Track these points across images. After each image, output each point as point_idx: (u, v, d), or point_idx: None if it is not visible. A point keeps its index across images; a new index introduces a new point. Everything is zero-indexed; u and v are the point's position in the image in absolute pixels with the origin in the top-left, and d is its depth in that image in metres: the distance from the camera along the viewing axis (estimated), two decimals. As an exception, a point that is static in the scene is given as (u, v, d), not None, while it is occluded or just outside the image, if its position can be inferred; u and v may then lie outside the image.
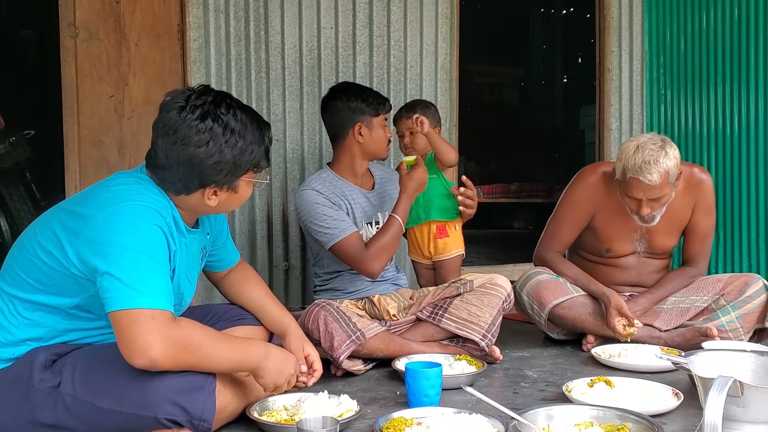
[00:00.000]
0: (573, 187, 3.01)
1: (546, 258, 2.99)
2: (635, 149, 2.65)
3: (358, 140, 2.82)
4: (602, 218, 2.94)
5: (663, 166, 2.62)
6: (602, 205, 2.93)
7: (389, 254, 2.73)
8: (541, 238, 3.06)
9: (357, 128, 2.81)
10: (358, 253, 2.65)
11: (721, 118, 4.22)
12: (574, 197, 2.98)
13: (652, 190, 2.66)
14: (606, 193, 2.91)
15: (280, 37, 3.66)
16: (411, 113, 3.07)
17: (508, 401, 2.17)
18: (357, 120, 2.81)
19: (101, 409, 1.72)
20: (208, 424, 1.77)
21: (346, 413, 1.99)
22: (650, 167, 2.60)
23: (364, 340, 2.47)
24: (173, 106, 1.80)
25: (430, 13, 3.99)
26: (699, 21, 4.33)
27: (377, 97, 2.88)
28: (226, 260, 2.26)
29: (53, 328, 1.82)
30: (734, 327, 2.77)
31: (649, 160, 2.60)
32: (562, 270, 2.95)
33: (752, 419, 1.34)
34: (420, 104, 3.17)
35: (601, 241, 2.98)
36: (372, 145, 2.84)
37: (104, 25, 3.40)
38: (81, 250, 1.71)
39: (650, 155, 2.61)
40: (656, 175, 2.61)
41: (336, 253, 2.69)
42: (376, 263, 2.65)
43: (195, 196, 1.86)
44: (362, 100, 2.82)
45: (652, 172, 2.60)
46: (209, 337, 1.76)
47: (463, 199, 2.90)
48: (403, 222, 2.73)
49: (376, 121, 2.84)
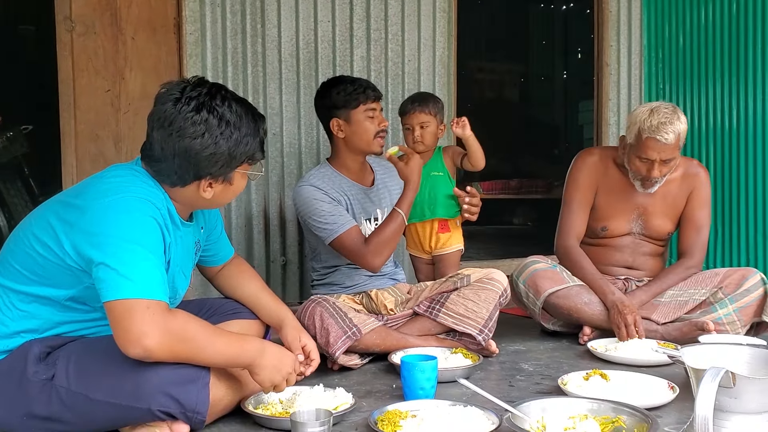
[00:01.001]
0: (574, 170, 3.08)
1: (569, 247, 3.00)
2: (650, 112, 2.77)
3: (339, 136, 2.76)
4: (601, 196, 3.02)
5: (677, 127, 2.75)
6: (602, 183, 3.03)
7: (391, 248, 2.66)
8: (558, 229, 3.07)
9: (334, 124, 2.74)
10: (358, 247, 2.61)
11: (719, 113, 4.22)
12: (577, 178, 3.05)
13: (666, 150, 2.76)
14: (605, 171, 3.03)
15: (277, 31, 3.65)
16: (423, 107, 3.06)
17: (503, 394, 2.17)
18: (332, 115, 2.74)
19: (95, 401, 1.72)
20: (201, 417, 1.77)
21: (341, 406, 1.99)
22: (666, 127, 2.73)
23: (360, 335, 2.47)
24: (168, 98, 1.79)
25: (427, 7, 3.99)
26: (697, 16, 4.32)
27: (356, 86, 2.71)
28: (221, 255, 2.26)
29: (48, 320, 1.82)
30: (731, 320, 2.78)
31: (664, 121, 2.73)
32: (581, 266, 2.94)
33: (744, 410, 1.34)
34: (431, 99, 3.15)
35: (597, 219, 3.03)
36: (355, 139, 2.73)
37: (100, 18, 3.40)
38: (77, 241, 1.71)
39: (665, 117, 2.74)
40: (672, 135, 2.73)
41: (336, 248, 2.67)
42: (377, 257, 2.61)
43: (190, 189, 1.86)
44: (337, 93, 2.71)
45: (669, 131, 2.73)
46: (204, 330, 1.76)
47: (468, 207, 2.89)
48: (406, 216, 2.66)
49: (357, 113, 2.70)
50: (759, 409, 1.35)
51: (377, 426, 1.80)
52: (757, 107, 4.00)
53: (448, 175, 3.13)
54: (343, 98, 2.71)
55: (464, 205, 2.89)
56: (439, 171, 3.12)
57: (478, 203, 2.89)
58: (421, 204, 3.06)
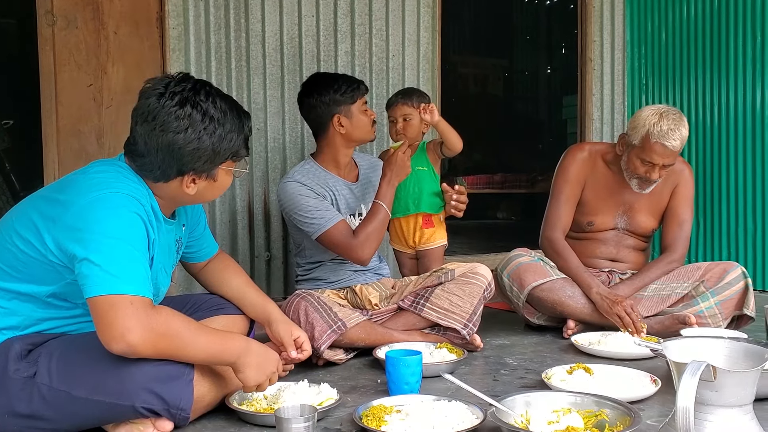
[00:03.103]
0: (564, 163, 3.10)
1: (554, 239, 3.01)
2: (659, 116, 2.78)
3: (339, 131, 2.79)
4: (590, 191, 3.05)
5: (683, 134, 2.79)
6: (590, 178, 3.05)
7: (378, 240, 2.69)
8: (545, 220, 3.09)
9: (336, 120, 2.78)
10: (347, 240, 2.63)
11: (701, 108, 4.25)
12: (567, 171, 3.06)
13: (671, 156, 2.81)
14: (593, 167, 3.05)
15: (261, 25, 3.63)
16: (407, 100, 3.09)
17: (487, 388, 2.18)
18: (334, 112, 2.78)
19: (78, 399, 1.70)
20: (185, 414, 1.76)
21: (325, 401, 1.98)
22: (674, 133, 2.76)
23: (345, 329, 2.47)
24: (152, 93, 1.78)
25: (412, 2, 3.98)
26: (680, 11, 4.35)
27: (350, 83, 2.81)
28: (205, 251, 2.25)
29: (29, 317, 1.80)
30: (713, 313, 2.81)
31: (673, 128, 2.76)
32: (565, 258, 2.96)
33: (725, 403, 1.35)
34: (415, 92, 3.17)
35: (584, 213, 3.06)
36: (356, 132, 2.81)
37: (82, 13, 3.36)
38: (59, 237, 1.69)
39: (674, 123, 2.77)
40: (679, 141, 2.77)
41: (324, 243, 2.68)
42: (366, 250, 2.64)
43: (173, 184, 1.85)
44: (335, 91, 2.77)
45: (676, 138, 2.76)
46: (188, 327, 1.75)
47: (455, 204, 2.91)
48: (388, 208, 2.70)
49: (355, 107, 2.79)
50: (739, 402, 1.36)
51: (362, 421, 1.80)
52: (739, 102, 4.04)
53: (433, 171, 3.14)
54: (343, 95, 2.77)
55: (451, 201, 2.90)
56: (424, 166, 3.13)
57: (465, 200, 2.91)
58: (406, 199, 3.07)
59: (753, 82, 3.96)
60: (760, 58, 3.91)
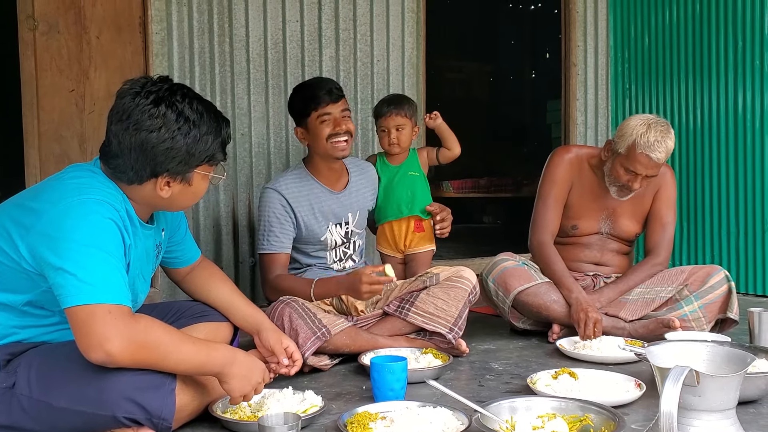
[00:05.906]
0: (551, 165, 3.10)
1: (543, 243, 3.01)
2: (647, 127, 2.78)
3: (303, 143, 2.82)
4: (575, 195, 3.06)
5: (669, 146, 2.79)
6: (576, 181, 3.06)
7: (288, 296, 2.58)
8: (532, 224, 3.09)
9: (297, 132, 2.80)
10: (271, 275, 2.68)
11: (684, 112, 4.28)
12: (554, 174, 3.06)
13: (654, 167, 2.81)
14: (579, 170, 3.05)
15: (245, 30, 3.62)
16: (399, 110, 3.11)
17: (473, 394, 2.17)
18: (297, 124, 2.80)
19: (58, 409, 1.68)
20: (167, 423, 1.74)
21: (310, 409, 1.97)
22: (660, 146, 2.76)
23: (329, 336, 2.45)
24: (128, 92, 1.77)
25: (396, 8, 3.99)
26: (663, 16, 4.39)
27: (307, 94, 2.71)
28: (186, 256, 2.23)
29: (6, 326, 1.78)
30: (697, 317, 2.82)
31: (660, 139, 2.76)
32: (552, 261, 2.96)
33: (708, 408, 1.35)
34: (405, 101, 3.19)
35: (569, 217, 3.06)
36: (314, 145, 2.75)
37: (64, 17, 3.33)
38: (33, 245, 1.67)
39: (661, 135, 2.77)
40: (664, 154, 2.78)
41: (258, 261, 2.76)
42: (273, 295, 2.65)
43: (147, 187, 1.82)
44: (292, 102, 2.81)
45: (662, 150, 2.77)
46: (170, 337, 1.72)
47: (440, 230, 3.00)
48: (315, 298, 2.58)
49: (310, 120, 2.70)
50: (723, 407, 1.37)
51: (347, 428, 1.79)
52: (721, 106, 4.07)
53: (423, 176, 3.21)
54: (297, 107, 2.76)
55: (436, 225, 2.99)
56: (416, 171, 3.18)
57: (449, 226, 3.01)
58: (398, 202, 3.10)
59: (734, 87, 3.99)
60: (741, 62, 3.95)
